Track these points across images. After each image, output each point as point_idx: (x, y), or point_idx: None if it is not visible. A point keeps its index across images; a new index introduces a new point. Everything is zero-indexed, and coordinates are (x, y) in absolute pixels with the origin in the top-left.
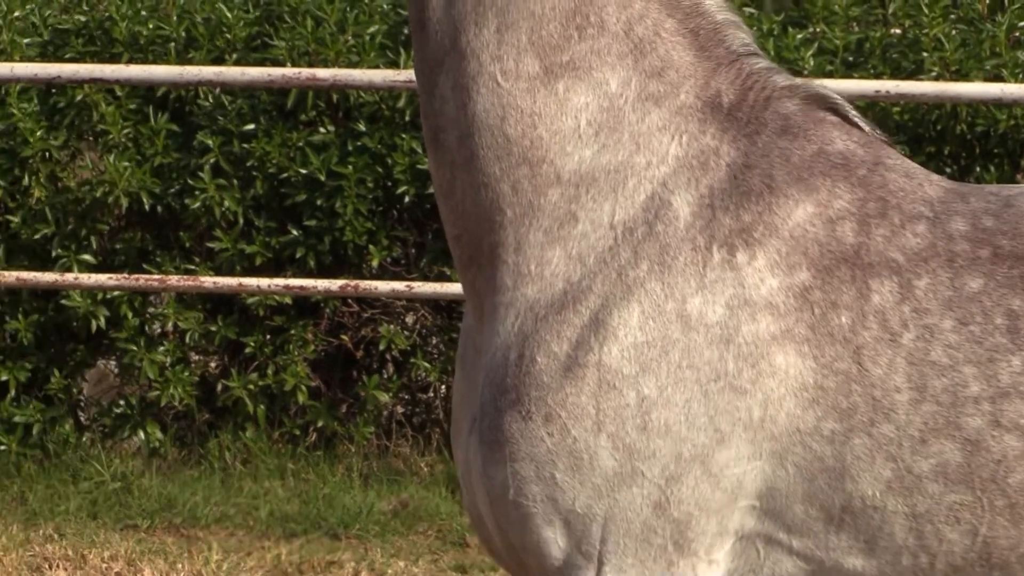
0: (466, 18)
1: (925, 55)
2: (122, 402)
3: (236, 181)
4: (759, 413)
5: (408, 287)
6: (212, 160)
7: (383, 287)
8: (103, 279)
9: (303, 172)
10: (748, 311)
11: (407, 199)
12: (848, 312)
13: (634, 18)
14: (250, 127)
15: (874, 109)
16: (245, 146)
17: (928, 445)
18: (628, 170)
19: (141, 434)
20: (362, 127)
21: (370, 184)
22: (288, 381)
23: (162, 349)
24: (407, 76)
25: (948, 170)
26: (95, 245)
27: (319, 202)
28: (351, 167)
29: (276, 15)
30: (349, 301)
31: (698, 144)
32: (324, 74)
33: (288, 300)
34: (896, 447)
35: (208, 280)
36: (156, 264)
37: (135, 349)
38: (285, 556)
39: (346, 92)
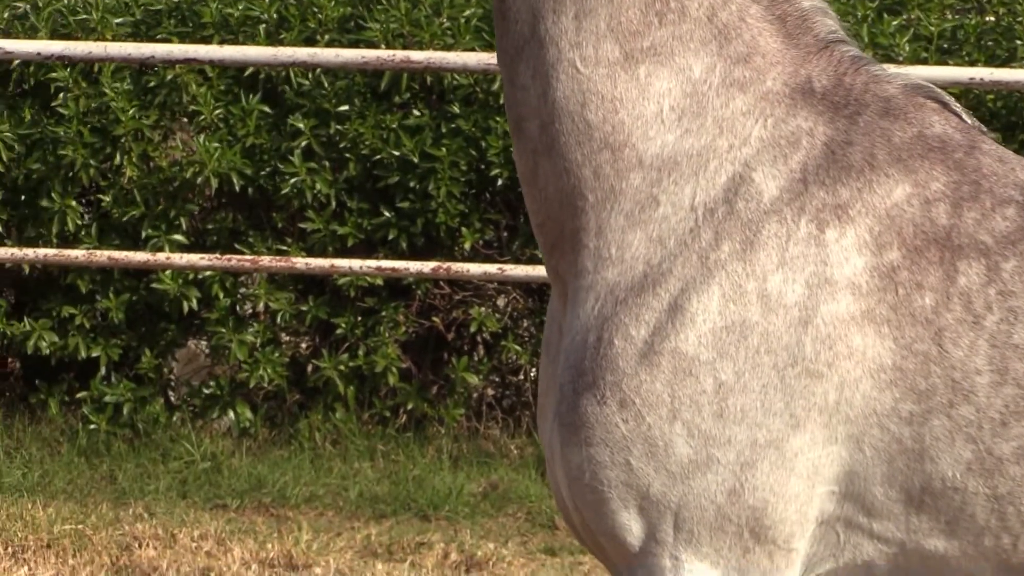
0: (544, 6)
1: (1019, 43)
2: (212, 382)
3: (328, 163)
4: (835, 396)
5: (500, 269)
6: (304, 142)
7: (475, 269)
8: (195, 259)
9: (396, 154)
10: (828, 290)
11: (500, 182)
12: (932, 293)
13: (717, 4)
14: (343, 108)
15: (968, 97)
16: (338, 127)
17: (1009, 428)
18: (710, 153)
19: (231, 414)
20: (456, 109)
21: (463, 167)
22: (379, 362)
23: (252, 330)
24: None
25: None
26: (186, 225)
27: (412, 184)
28: (444, 149)
29: None
30: (441, 283)
31: (787, 126)
32: (418, 56)
33: (380, 281)
34: (976, 429)
35: (300, 261)
36: (248, 244)
37: (225, 330)
38: (375, 537)
39: (440, 74)
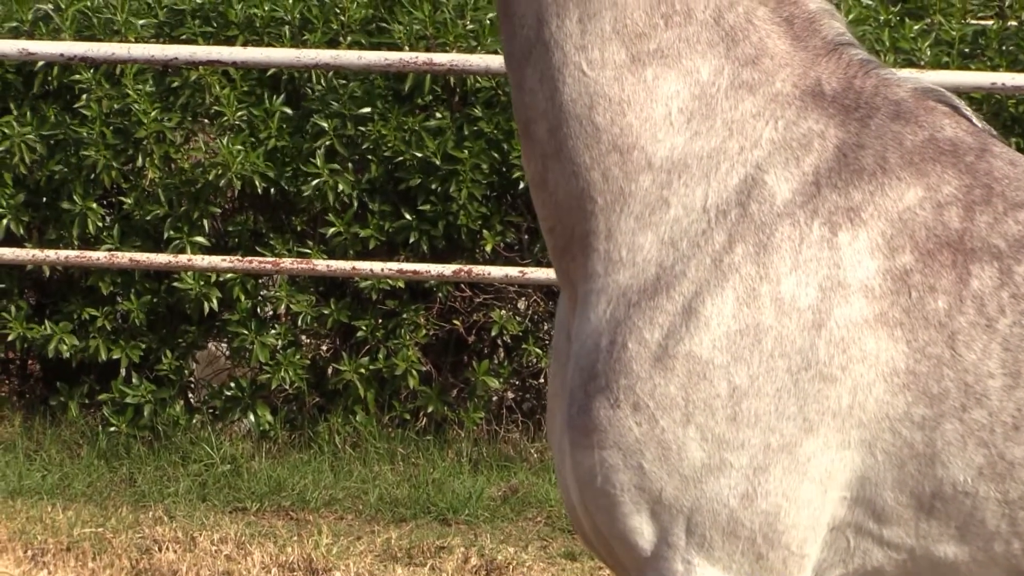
0: (548, 10)
1: None
2: (233, 384)
3: (351, 165)
4: (848, 400)
5: (521, 272)
6: (327, 143)
7: (496, 272)
8: (217, 261)
9: (418, 156)
10: (841, 293)
11: (522, 184)
12: (946, 296)
13: (724, 6)
14: (366, 110)
15: (989, 102)
16: (360, 129)
17: (1021, 432)
18: (721, 155)
19: (251, 417)
20: (478, 112)
21: (485, 169)
22: (399, 365)
23: (273, 332)
24: None
25: None
26: (207, 227)
27: (434, 186)
28: (467, 152)
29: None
30: (462, 286)
31: (798, 128)
32: (441, 59)
33: (401, 284)
34: (988, 433)
35: (322, 264)
36: (269, 247)
37: (246, 332)
38: (395, 540)
39: (463, 77)
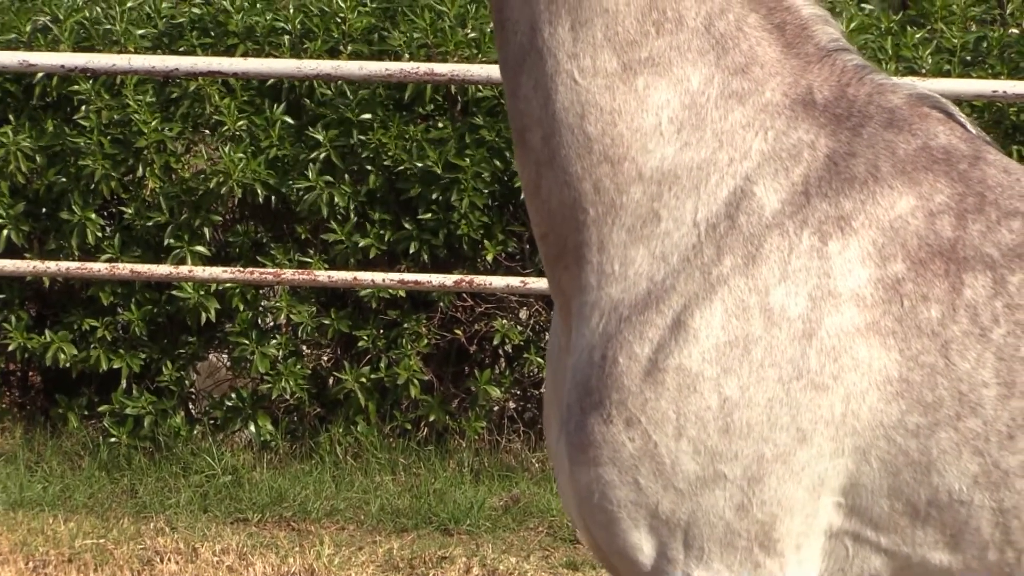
0: (540, 17)
1: None
2: (233, 395)
3: (348, 175)
4: (841, 409)
5: (523, 282)
6: (323, 154)
7: (498, 282)
8: (218, 272)
9: (419, 165)
10: (832, 303)
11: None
12: (939, 305)
13: (714, 13)
14: (366, 118)
15: (991, 110)
16: (361, 138)
17: (1016, 441)
18: (711, 167)
19: (252, 427)
20: (480, 121)
21: (487, 178)
22: (401, 375)
23: (274, 342)
24: None
25: None
26: (208, 236)
27: (435, 196)
28: (468, 161)
29: (395, 9)
30: (463, 295)
31: (787, 139)
32: (442, 69)
33: (402, 294)
34: (983, 442)
35: (323, 274)
36: (270, 256)
37: (247, 343)
38: (396, 551)
39: (464, 86)
